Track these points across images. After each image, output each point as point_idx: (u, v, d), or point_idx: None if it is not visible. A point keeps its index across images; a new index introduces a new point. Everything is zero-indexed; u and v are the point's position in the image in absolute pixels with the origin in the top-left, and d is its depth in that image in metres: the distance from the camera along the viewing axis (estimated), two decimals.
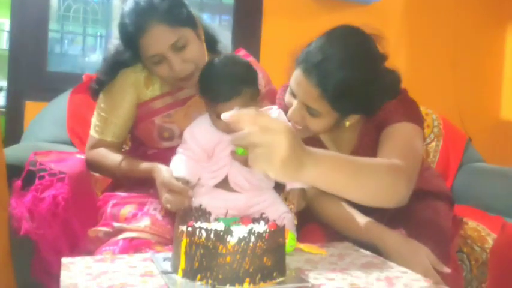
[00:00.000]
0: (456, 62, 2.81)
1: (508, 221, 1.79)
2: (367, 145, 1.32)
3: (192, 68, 1.32)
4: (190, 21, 1.33)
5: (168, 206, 1.16)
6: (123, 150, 1.54)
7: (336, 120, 1.22)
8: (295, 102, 1.23)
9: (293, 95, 1.23)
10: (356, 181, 1.00)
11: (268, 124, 0.83)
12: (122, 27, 1.33)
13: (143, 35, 1.28)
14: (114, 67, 1.41)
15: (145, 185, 1.31)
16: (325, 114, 1.19)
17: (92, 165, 1.42)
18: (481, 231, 1.64)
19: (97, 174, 1.50)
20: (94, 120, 1.44)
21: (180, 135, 1.30)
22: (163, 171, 1.21)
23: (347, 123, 1.26)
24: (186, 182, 1.18)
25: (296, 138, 0.85)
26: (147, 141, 1.44)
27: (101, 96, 1.43)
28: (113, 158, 1.37)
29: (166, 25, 1.27)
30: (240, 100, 1.17)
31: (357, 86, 1.16)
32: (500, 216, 1.82)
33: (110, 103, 1.41)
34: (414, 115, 1.28)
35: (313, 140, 1.36)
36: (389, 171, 1.07)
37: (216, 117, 1.18)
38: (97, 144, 1.42)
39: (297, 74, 1.21)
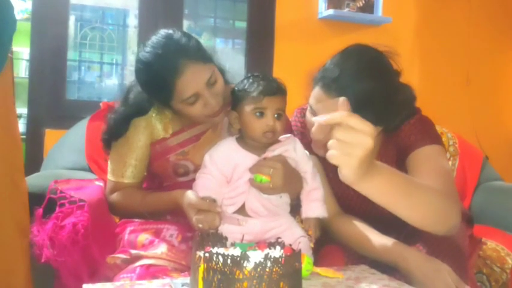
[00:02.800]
0: (470, 79, 2.81)
1: None
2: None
3: (222, 102, 1.33)
4: (212, 56, 1.35)
5: (200, 225, 1.14)
6: None
7: None
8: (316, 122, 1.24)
9: (314, 113, 1.25)
10: (411, 199, 1.06)
11: (357, 125, 0.90)
12: (151, 74, 1.29)
13: (180, 77, 1.25)
14: (128, 119, 1.40)
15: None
16: None
17: (115, 208, 1.42)
18: (500, 252, 1.62)
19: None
20: (111, 164, 1.44)
21: (195, 171, 1.30)
22: (189, 194, 1.21)
23: None
24: (213, 201, 1.18)
25: (374, 146, 0.93)
26: (162, 177, 1.45)
27: (114, 143, 1.43)
28: (136, 196, 1.38)
29: (200, 63, 1.27)
30: (284, 99, 1.22)
31: (375, 96, 1.18)
32: None
33: (125, 147, 1.41)
34: (436, 136, 1.31)
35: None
36: (443, 197, 1.12)
37: (255, 118, 1.20)
38: (117, 188, 1.42)
39: (316, 91, 1.24)
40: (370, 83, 1.18)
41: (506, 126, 2.92)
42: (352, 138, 0.91)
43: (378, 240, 1.25)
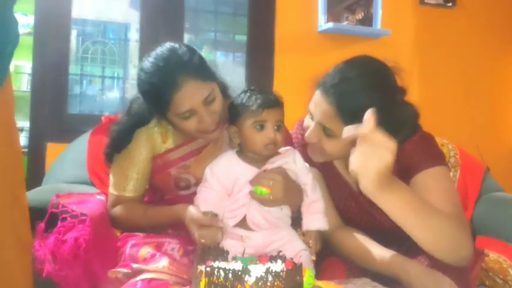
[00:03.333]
0: (469, 91, 2.82)
1: None
2: None
3: (218, 120, 1.33)
4: (215, 74, 1.36)
5: (203, 241, 1.15)
6: None
7: (351, 142, 1.23)
8: (312, 124, 1.25)
9: (311, 117, 1.26)
10: (426, 220, 1.13)
11: (380, 139, 1.01)
12: (150, 85, 1.30)
13: (177, 92, 1.26)
14: (131, 130, 1.41)
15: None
16: (340, 135, 1.20)
17: (117, 222, 1.42)
18: (502, 263, 1.62)
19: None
20: (112, 178, 1.44)
21: (196, 184, 1.31)
22: (191, 209, 1.22)
23: None
24: (215, 215, 1.19)
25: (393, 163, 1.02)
26: (164, 190, 1.46)
27: (116, 156, 1.43)
28: (138, 210, 1.39)
29: (199, 80, 1.28)
30: (282, 111, 1.24)
31: (372, 106, 1.16)
32: None
33: (127, 160, 1.42)
34: (439, 155, 1.31)
35: (329, 169, 1.37)
36: (457, 225, 1.16)
37: (256, 131, 1.21)
38: (118, 201, 1.43)
39: (315, 95, 1.25)
40: (369, 94, 1.18)
41: (507, 137, 2.92)
42: (373, 152, 0.99)
43: (379, 252, 1.25)
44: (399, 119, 1.23)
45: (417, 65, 2.77)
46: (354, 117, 1.15)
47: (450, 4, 2.81)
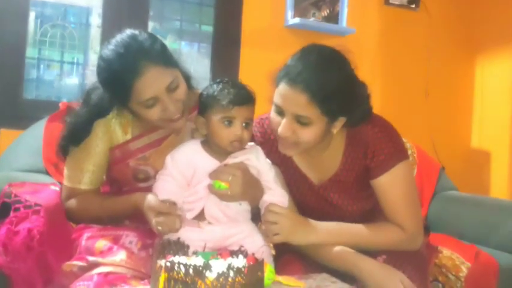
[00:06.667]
0: (429, 92, 2.90)
1: (481, 249, 1.83)
2: (351, 168, 1.35)
3: (182, 108, 1.31)
4: (177, 62, 1.33)
5: (159, 228, 1.14)
6: None
7: (325, 126, 1.25)
8: (284, 119, 1.24)
9: (279, 112, 1.26)
10: (364, 245, 1.29)
11: (277, 209, 1.24)
12: (111, 72, 1.27)
13: (139, 79, 1.23)
14: (90, 122, 1.36)
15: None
16: (315, 120, 1.22)
17: (72, 215, 1.36)
18: (455, 260, 1.67)
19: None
20: (67, 170, 1.39)
21: (155, 177, 1.28)
22: (148, 197, 1.20)
23: (334, 131, 1.28)
24: (173, 203, 1.17)
25: (297, 218, 1.29)
26: (121, 182, 1.42)
27: (72, 148, 1.38)
28: (94, 201, 1.35)
29: (162, 66, 1.25)
30: (253, 108, 1.23)
31: (338, 86, 1.21)
32: (473, 245, 1.86)
33: (84, 152, 1.37)
34: (402, 149, 1.35)
35: (288, 164, 1.38)
36: (400, 242, 1.30)
37: (223, 126, 1.19)
38: (73, 194, 1.38)
39: (281, 88, 1.24)
40: (333, 72, 1.22)
41: (462, 137, 3.03)
42: (276, 220, 1.23)
43: (334, 248, 1.28)
44: (357, 93, 1.27)
45: (380, 63, 2.82)
46: (325, 95, 1.19)
47: (413, 6, 2.87)
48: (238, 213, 1.24)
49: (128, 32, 1.30)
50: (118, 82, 1.26)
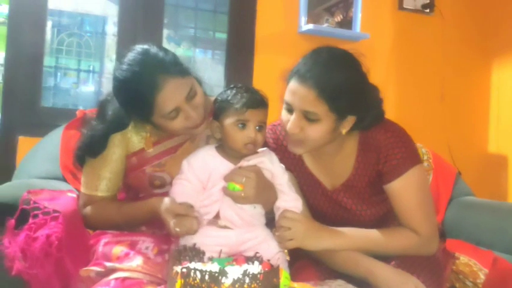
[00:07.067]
0: (444, 96, 2.87)
1: (499, 255, 1.80)
2: (364, 173, 1.35)
3: (203, 113, 1.33)
4: (189, 69, 1.34)
5: (177, 229, 1.14)
6: None
7: (333, 124, 1.25)
8: (291, 116, 1.25)
9: (289, 110, 1.26)
10: (378, 250, 1.29)
11: (291, 215, 1.24)
12: (131, 92, 1.27)
13: (159, 93, 1.23)
14: (107, 137, 1.37)
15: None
16: (323, 117, 1.22)
17: (90, 220, 1.38)
18: (472, 266, 1.65)
19: None
20: (84, 178, 1.41)
21: (171, 183, 1.29)
22: (165, 200, 1.21)
23: (343, 131, 1.28)
24: (190, 206, 1.19)
25: (310, 223, 1.29)
26: (138, 188, 1.44)
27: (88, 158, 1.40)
28: (111, 207, 1.36)
29: (178, 77, 1.26)
30: (266, 112, 1.24)
31: (348, 82, 1.22)
32: (491, 251, 1.83)
33: (100, 159, 1.38)
34: (415, 154, 1.34)
35: (302, 170, 1.38)
36: (414, 247, 1.29)
37: (237, 129, 1.21)
38: (90, 201, 1.39)
39: (291, 85, 1.25)
40: (342, 70, 1.23)
41: (478, 142, 2.99)
42: (289, 225, 1.24)
43: (348, 254, 1.28)
44: (368, 94, 1.27)
45: (394, 68, 2.80)
46: (335, 92, 1.20)
47: (428, 10, 2.86)
48: (253, 217, 1.25)
49: (138, 48, 1.30)
50: (139, 100, 1.26)
